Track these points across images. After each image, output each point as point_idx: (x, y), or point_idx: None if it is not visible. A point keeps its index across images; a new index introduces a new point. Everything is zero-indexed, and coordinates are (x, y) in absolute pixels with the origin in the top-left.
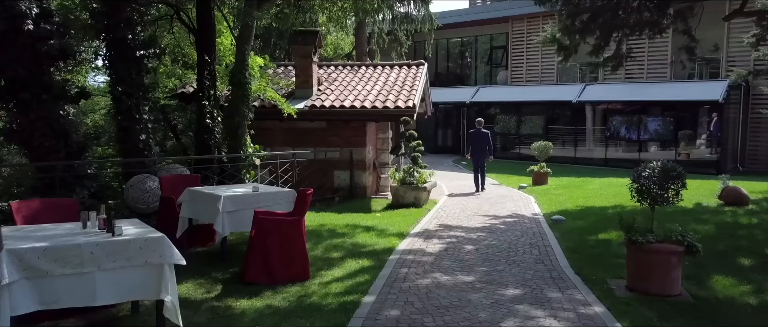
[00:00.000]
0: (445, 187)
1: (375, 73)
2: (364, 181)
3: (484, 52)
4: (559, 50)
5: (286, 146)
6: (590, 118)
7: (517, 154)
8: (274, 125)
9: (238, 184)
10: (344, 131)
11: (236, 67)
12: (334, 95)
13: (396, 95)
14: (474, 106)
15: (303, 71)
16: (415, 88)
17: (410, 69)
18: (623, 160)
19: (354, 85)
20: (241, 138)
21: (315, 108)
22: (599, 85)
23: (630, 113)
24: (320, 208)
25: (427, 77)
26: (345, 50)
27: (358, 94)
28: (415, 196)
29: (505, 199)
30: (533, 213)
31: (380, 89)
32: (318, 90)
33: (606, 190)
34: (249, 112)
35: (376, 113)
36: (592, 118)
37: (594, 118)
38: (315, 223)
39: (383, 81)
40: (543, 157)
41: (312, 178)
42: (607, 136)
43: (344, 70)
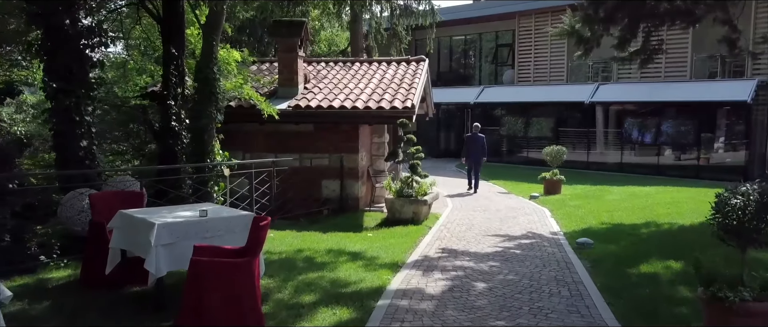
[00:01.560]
0: (448, 197)
1: (370, 70)
2: (356, 192)
3: (489, 50)
4: (578, 43)
5: (268, 152)
6: (603, 120)
7: (524, 159)
8: (254, 129)
9: (186, 205)
10: (334, 135)
11: (202, 60)
12: (322, 94)
13: (393, 94)
14: (478, 107)
15: (287, 67)
16: (414, 87)
17: (409, 65)
18: (640, 165)
19: (346, 83)
20: (207, 144)
21: (299, 109)
22: (613, 84)
23: (647, 115)
24: (304, 224)
25: (429, 75)
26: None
27: (349, 93)
28: (414, 210)
29: (517, 212)
30: (552, 232)
31: (375, 88)
32: (304, 88)
33: (630, 201)
34: (217, 114)
35: (369, 115)
36: (604, 120)
37: (607, 120)
38: (291, 248)
39: (379, 79)
40: (556, 163)
41: (297, 189)
42: (623, 139)
43: (336, 67)
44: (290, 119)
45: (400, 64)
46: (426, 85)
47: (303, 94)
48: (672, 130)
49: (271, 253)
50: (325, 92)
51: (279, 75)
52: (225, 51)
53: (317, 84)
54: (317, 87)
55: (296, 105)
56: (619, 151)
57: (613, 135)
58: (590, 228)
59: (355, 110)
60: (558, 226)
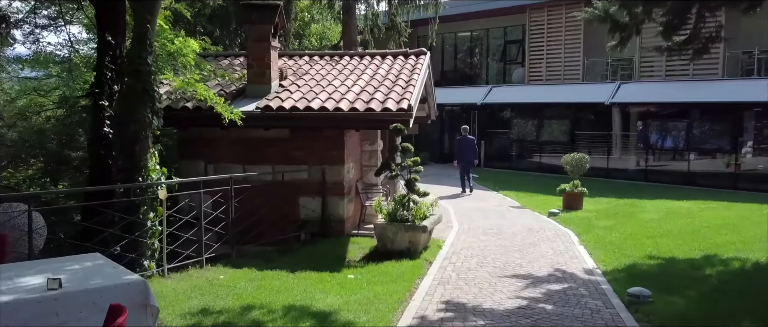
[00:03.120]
0: (452, 212)
1: (361, 64)
2: (341, 212)
3: (497, 47)
4: (613, 30)
5: (234, 163)
6: (624, 123)
7: (537, 165)
8: (218, 135)
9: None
10: (314, 142)
11: (133, 47)
12: (300, 93)
13: (386, 93)
14: (486, 109)
15: (257, 60)
16: (412, 84)
17: (408, 60)
18: (666, 172)
19: (330, 79)
20: (138, 157)
21: (269, 110)
22: (636, 84)
23: (674, 117)
24: (272, 256)
25: (430, 71)
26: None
27: (333, 92)
28: (411, 239)
29: (537, 236)
30: (586, 269)
31: (365, 85)
32: (280, 86)
33: (671, 222)
34: (154, 118)
35: (355, 117)
36: (626, 122)
37: (629, 123)
38: (238, 304)
39: (370, 75)
40: (577, 172)
41: (269, 208)
42: (647, 144)
43: (320, 62)
44: (259, 123)
45: (396, 58)
46: (427, 83)
47: (277, 93)
48: (703, 134)
49: (206, 313)
50: (305, 91)
51: (248, 70)
52: (180, 40)
53: (296, 81)
54: (295, 84)
55: (266, 106)
56: (644, 157)
57: (636, 139)
58: (636, 265)
59: (338, 112)
60: (591, 259)
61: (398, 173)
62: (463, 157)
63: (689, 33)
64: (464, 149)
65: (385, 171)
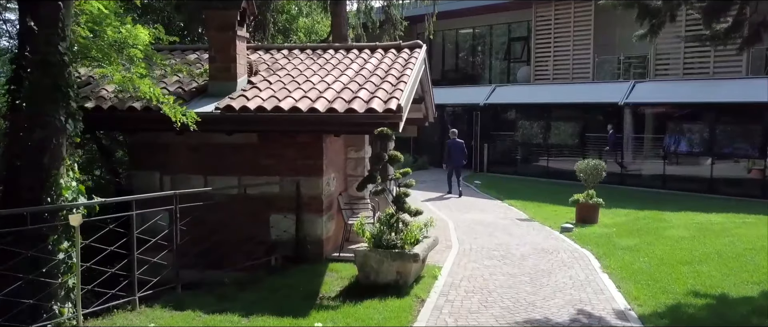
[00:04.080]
0: (452, 226)
1: (347, 58)
2: (318, 232)
3: (501, 45)
4: (641, 17)
5: (195, 173)
6: (640, 125)
7: (543, 170)
8: (174, 140)
9: None
10: (287, 150)
11: (40, 34)
12: (271, 90)
13: (372, 91)
14: (489, 109)
15: (221, 52)
16: (403, 81)
17: (400, 53)
18: (686, 179)
19: (309, 75)
20: (48, 171)
21: (231, 111)
22: (651, 82)
23: (695, 119)
24: (228, 291)
25: (427, 67)
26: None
27: (310, 89)
28: (399, 270)
29: (551, 260)
30: (617, 311)
31: (348, 82)
32: (249, 82)
33: (706, 241)
34: (70, 121)
35: (334, 120)
36: (641, 124)
37: (644, 125)
38: None
39: (356, 70)
40: (592, 182)
41: (234, 228)
42: (665, 148)
43: (300, 55)
44: (219, 127)
45: (388, 51)
46: (423, 80)
47: (243, 91)
48: (726, 137)
49: None
50: (277, 88)
51: (210, 64)
52: (126, 29)
53: (269, 77)
54: (267, 81)
55: (227, 106)
56: (661, 162)
57: (653, 143)
58: (680, 306)
59: (313, 114)
60: (621, 294)
61: (384, 188)
62: (451, 160)
63: (732, 19)
64: (453, 152)
65: (369, 185)
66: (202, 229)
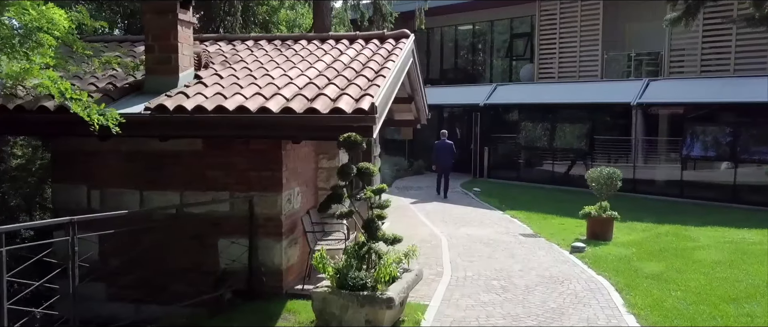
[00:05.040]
0: (445, 245)
1: (320, 49)
2: (277, 261)
3: (503, 42)
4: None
5: (128, 188)
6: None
7: (548, 176)
8: (104, 148)
9: None
10: (239, 158)
11: None
12: (219, 86)
13: (342, 87)
14: (490, 110)
15: (160, 41)
16: (383, 75)
17: (384, 44)
18: (708, 185)
19: (271, 68)
20: None
21: (163, 112)
22: (666, 81)
23: (715, 120)
24: None
25: (417, 61)
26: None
27: (266, 85)
28: (369, 317)
29: (561, 293)
30: None
31: (315, 76)
32: (196, 77)
33: (748, 266)
34: None
35: (291, 122)
36: (655, 126)
37: (658, 127)
38: None
39: (328, 62)
40: (606, 192)
41: (175, 255)
42: (683, 152)
43: (267, 46)
44: (150, 132)
45: (369, 42)
46: (413, 77)
47: (186, 87)
48: (751, 140)
49: None
50: (227, 84)
51: (146, 55)
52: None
53: (222, 70)
54: (218, 75)
55: (158, 106)
56: (678, 168)
57: (669, 146)
58: None
59: (263, 115)
60: None
61: (353, 210)
62: (439, 161)
63: None
64: (440, 154)
65: (335, 203)
66: (136, 256)
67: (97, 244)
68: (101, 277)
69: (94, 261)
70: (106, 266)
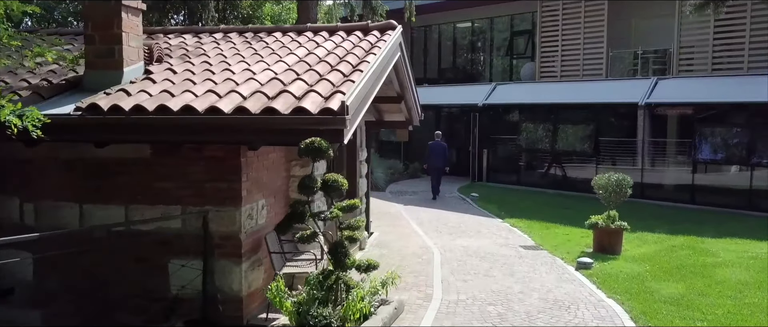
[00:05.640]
0: (438, 260)
1: (295, 41)
2: (235, 286)
3: (503, 40)
4: None
5: (67, 201)
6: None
7: (551, 180)
8: (37, 155)
9: None
10: (192, 167)
11: None
12: (169, 83)
13: (311, 84)
14: (489, 110)
15: (101, 30)
16: (360, 69)
17: (367, 36)
18: (721, 190)
19: (234, 62)
20: None
21: (96, 113)
22: (676, 79)
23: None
24: None
25: (405, 57)
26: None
27: (223, 81)
28: None
29: (567, 322)
30: None
31: (283, 71)
32: (145, 72)
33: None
34: None
35: (242, 125)
36: (663, 127)
37: (667, 128)
38: None
39: (301, 55)
40: (615, 201)
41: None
42: (694, 156)
43: (238, 39)
44: (80, 135)
45: (351, 34)
46: (400, 72)
47: (130, 84)
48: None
49: None
50: (179, 80)
51: (86, 46)
52: None
53: (178, 65)
54: (172, 70)
55: (91, 105)
56: (689, 172)
57: (678, 149)
58: None
59: (211, 117)
60: None
61: (317, 231)
62: (431, 162)
63: None
64: (433, 155)
65: (296, 223)
66: (75, 279)
67: (31, 265)
68: (36, 304)
69: (29, 284)
70: (41, 291)
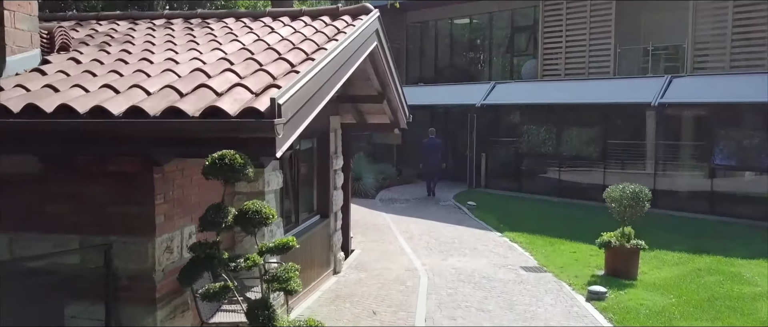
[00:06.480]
0: (424, 287)
1: (247, 27)
2: None
3: (503, 37)
4: None
5: None
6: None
7: (555, 187)
8: None
9: None
10: (92, 186)
11: None
12: (62, 75)
13: (243, 76)
14: (487, 111)
15: None
16: (312, 58)
17: (335, 21)
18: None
19: (157, 52)
20: None
21: None
22: (692, 77)
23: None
24: None
25: (386, 46)
26: None
27: (132, 74)
28: None
29: None
30: None
31: (214, 61)
32: (44, 62)
33: None
34: None
35: (130, 131)
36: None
37: (681, 130)
38: None
39: (245, 43)
40: (630, 216)
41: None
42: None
43: (179, 26)
44: None
45: (316, 19)
46: (379, 67)
47: (4, 79)
48: None
49: None
50: (79, 71)
51: None
52: None
53: (86, 54)
54: (75, 60)
55: None
56: (708, 178)
57: (695, 153)
58: None
59: (94, 120)
60: None
61: (229, 283)
62: (426, 161)
63: None
64: (429, 153)
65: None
66: None
67: None
68: None
69: None
70: None
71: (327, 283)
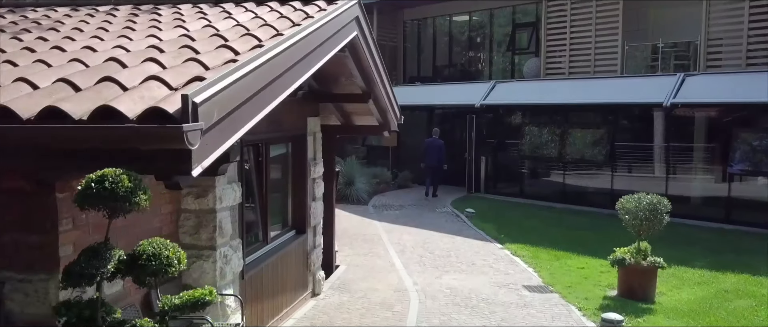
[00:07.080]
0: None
1: (200, 14)
2: None
3: (504, 35)
4: None
5: None
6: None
7: (559, 192)
8: None
9: None
10: None
11: None
12: None
13: (165, 67)
14: (487, 112)
15: None
16: (261, 46)
17: (306, 6)
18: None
19: (80, 40)
20: None
21: None
22: (707, 75)
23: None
24: None
25: (370, 38)
26: None
27: (29, 64)
28: None
29: None
30: None
31: (138, 51)
32: None
33: None
34: None
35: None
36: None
37: (694, 132)
38: None
39: (189, 31)
40: (647, 230)
41: None
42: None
43: (122, 13)
44: None
45: (286, 3)
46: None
47: None
48: None
49: None
50: None
51: None
52: None
53: None
54: None
55: None
56: (724, 184)
57: (710, 157)
58: None
59: None
60: None
61: None
62: (428, 160)
63: None
64: (429, 152)
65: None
66: None
67: None
68: None
69: None
70: None
71: (303, 308)
